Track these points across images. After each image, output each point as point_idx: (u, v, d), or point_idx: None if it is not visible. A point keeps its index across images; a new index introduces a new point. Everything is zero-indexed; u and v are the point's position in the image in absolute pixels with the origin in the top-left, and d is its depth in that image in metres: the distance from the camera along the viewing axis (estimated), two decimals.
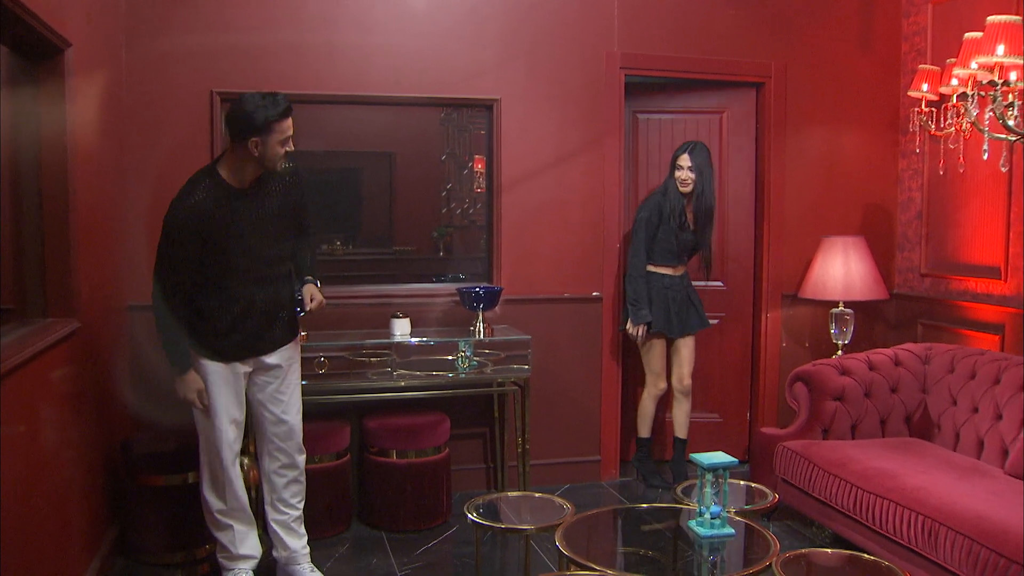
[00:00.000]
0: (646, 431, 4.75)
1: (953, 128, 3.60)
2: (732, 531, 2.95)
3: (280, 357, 3.37)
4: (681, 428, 4.74)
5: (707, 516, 2.94)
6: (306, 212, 3.42)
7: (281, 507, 3.46)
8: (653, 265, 4.59)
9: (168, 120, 4.17)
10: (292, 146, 3.15)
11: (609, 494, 4.67)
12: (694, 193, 4.53)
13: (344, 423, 4.17)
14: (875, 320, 5.12)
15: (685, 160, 4.52)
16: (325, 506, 3.95)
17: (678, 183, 4.54)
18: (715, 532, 2.92)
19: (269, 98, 3.05)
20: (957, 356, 4.10)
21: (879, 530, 3.40)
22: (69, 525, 3.15)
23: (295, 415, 3.43)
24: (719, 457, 2.97)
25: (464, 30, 4.52)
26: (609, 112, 4.73)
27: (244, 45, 4.22)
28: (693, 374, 4.72)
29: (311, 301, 3.39)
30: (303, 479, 3.50)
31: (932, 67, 3.92)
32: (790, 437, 4.11)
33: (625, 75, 4.75)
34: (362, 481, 4.25)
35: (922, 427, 4.14)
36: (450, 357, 4.14)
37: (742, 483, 3.59)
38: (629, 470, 4.92)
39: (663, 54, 4.79)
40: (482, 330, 4.31)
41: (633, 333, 4.55)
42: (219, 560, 3.42)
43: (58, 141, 3.16)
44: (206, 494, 3.34)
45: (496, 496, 3.56)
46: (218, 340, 3.21)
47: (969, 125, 3.39)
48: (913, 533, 3.21)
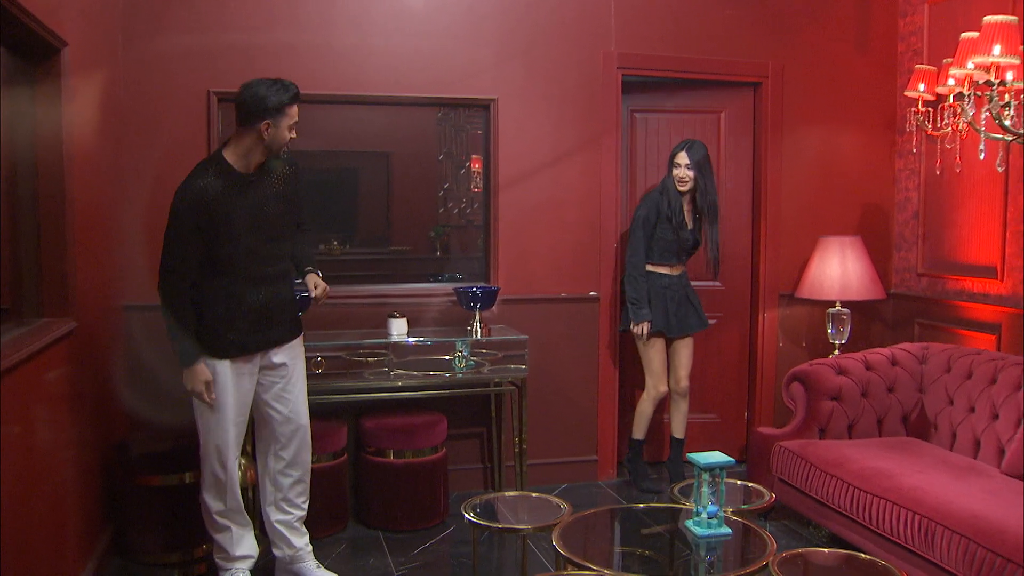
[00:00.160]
0: (640, 433, 4.71)
1: (950, 128, 3.60)
2: (729, 531, 2.95)
3: (286, 355, 3.37)
4: (678, 428, 4.74)
5: (704, 516, 2.94)
6: (303, 205, 3.43)
7: (286, 507, 3.45)
8: (651, 264, 4.57)
9: (165, 120, 4.17)
10: (296, 133, 3.18)
11: (606, 494, 4.67)
12: (693, 191, 4.53)
13: (341, 423, 4.17)
14: (872, 320, 5.13)
15: (683, 158, 4.50)
16: (322, 506, 3.94)
17: (676, 181, 4.52)
18: (712, 532, 2.92)
19: (279, 83, 3.13)
20: (954, 356, 4.10)
21: (876, 529, 3.40)
22: (66, 525, 3.15)
23: (302, 414, 3.43)
24: (716, 457, 2.97)
25: (461, 30, 4.52)
26: (606, 112, 4.73)
27: (241, 45, 4.22)
28: (690, 374, 4.72)
29: (315, 288, 3.40)
30: (308, 479, 3.49)
31: (929, 67, 3.92)
32: (787, 437, 4.11)
33: (622, 75, 4.75)
34: (359, 481, 4.25)
35: (919, 427, 4.14)
36: (447, 357, 4.14)
37: (739, 483, 3.59)
38: (626, 470, 4.92)
39: (660, 54, 4.80)
40: (479, 330, 4.30)
41: (637, 332, 4.52)
42: (216, 561, 3.42)
43: (55, 141, 3.15)
44: (205, 496, 3.33)
45: (493, 496, 3.56)
46: (226, 330, 3.18)
47: (966, 125, 3.39)
48: (910, 532, 3.22)
